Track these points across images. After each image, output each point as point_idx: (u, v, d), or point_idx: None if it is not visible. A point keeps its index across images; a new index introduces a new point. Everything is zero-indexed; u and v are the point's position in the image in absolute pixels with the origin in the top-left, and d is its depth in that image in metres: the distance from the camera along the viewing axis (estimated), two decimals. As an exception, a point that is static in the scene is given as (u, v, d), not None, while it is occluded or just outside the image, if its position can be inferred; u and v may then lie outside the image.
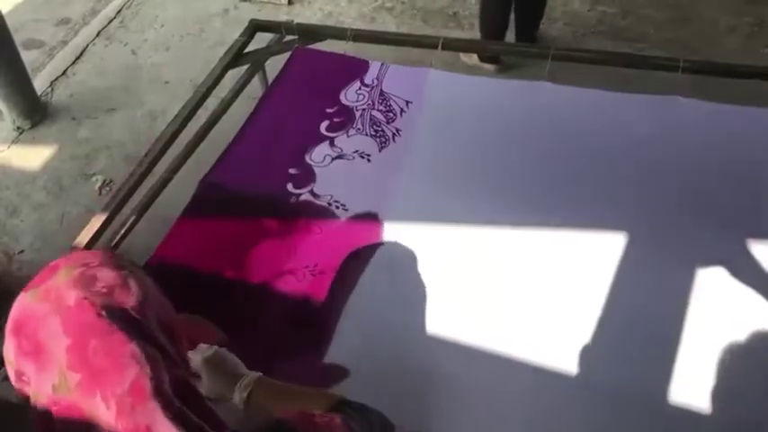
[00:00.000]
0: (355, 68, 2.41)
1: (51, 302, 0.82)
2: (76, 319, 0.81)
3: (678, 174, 2.04)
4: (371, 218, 1.99)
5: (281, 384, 1.27)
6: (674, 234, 1.90)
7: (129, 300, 0.86)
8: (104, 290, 0.84)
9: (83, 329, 0.81)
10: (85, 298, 0.82)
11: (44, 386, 0.81)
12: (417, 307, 1.82)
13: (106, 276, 0.85)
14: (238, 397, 1.20)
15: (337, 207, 2.02)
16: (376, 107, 2.28)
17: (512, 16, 3.57)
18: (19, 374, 0.85)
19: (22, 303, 0.85)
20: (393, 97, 2.31)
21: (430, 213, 2.00)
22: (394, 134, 2.21)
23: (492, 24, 3.54)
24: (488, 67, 3.60)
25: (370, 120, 2.25)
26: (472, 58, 3.62)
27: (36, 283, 0.86)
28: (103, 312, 0.82)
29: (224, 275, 1.87)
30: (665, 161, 2.07)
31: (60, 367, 0.80)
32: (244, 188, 2.08)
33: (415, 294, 1.84)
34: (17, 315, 0.85)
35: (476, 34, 3.79)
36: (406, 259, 1.90)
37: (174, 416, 0.82)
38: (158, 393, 0.82)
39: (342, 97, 2.32)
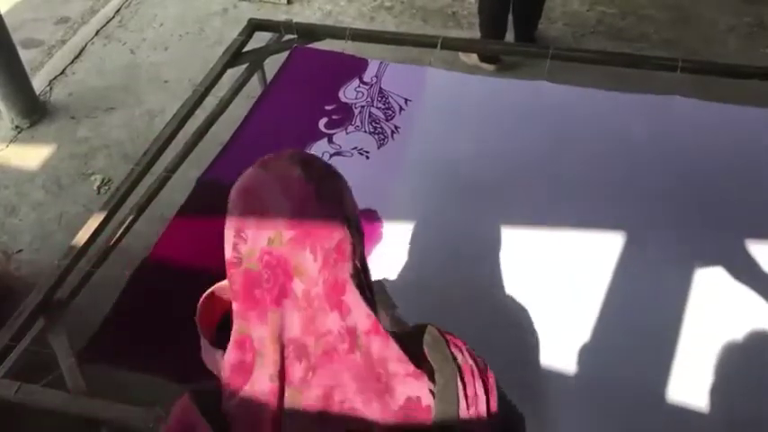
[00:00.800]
0: (354, 66, 2.41)
1: (278, 174, 1.00)
2: (298, 188, 0.98)
3: (677, 173, 2.04)
4: (370, 215, 1.99)
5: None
6: (673, 233, 1.90)
7: (340, 185, 1.04)
8: (320, 171, 1.03)
9: (304, 196, 0.98)
10: (308, 173, 1.00)
11: (261, 240, 0.96)
12: (414, 303, 1.82)
13: (320, 165, 1.05)
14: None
15: None
16: (375, 104, 2.28)
17: (510, 17, 3.58)
18: (239, 231, 0.99)
19: (251, 174, 1.02)
20: (392, 95, 2.30)
21: (428, 211, 1.99)
22: (393, 131, 2.21)
23: (491, 25, 3.54)
24: (488, 66, 3.60)
25: (369, 117, 2.25)
26: (472, 58, 3.62)
27: (262, 162, 1.04)
28: (322, 186, 1.00)
29: (221, 275, 1.86)
30: (664, 160, 2.07)
31: (278, 224, 0.96)
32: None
33: (413, 291, 1.84)
34: (246, 183, 1.02)
35: (475, 34, 3.79)
36: (404, 257, 1.90)
37: (359, 283, 0.99)
38: (354, 259, 0.99)
39: (341, 95, 2.32)
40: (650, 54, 3.42)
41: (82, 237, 1.92)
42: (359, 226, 1.05)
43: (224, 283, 1.46)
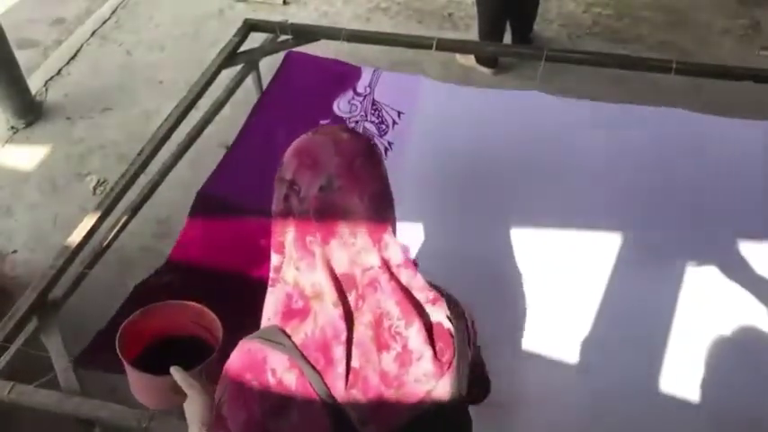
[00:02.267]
0: (348, 76, 2.40)
1: (328, 136, 1.12)
2: (348, 145, 1.11)
3: (668, 178, 2.05)
4: None
5: None
6: (665, 235, 1.92)
7: (378, 151, 1.16)
8: (365, 137, 1.18)
9: (353, 151, 1.10)
10: (355, 136, 1.14)
11: (313, 187, 1.08)
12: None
13: (364, 135, 1.29)
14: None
15: None
16: (368, 118, 2.28)
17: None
18: (291, 184, 1.11)
19: (306, 138, 1.15)
20: (385, 107, 2.30)
21: (424, 226, 2.00)
22: (386, 148, 2.22)
23: (490, 31, 3.55)
24: (485, 69, 3.59)
25: (363, 132, 2.25)
26: (469, 60, 3.61)
27: (314, 129, 1.17)
28: (367, 147, 1.13)
29: (223, 285, 1.87)
30: (655, 166, 2.08)
31: (329, 174, 1.08)
32: (239, 200, 2.08)
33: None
34: (302, 144, 1.14)
35: (471, 35, 3.79)
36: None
37: (394, 227, 1.14)
38: (391, 206, 1.14)
39: (335, 107, 2.32)
40: (645, 56, 3.43)
41: (76, 237, 1.91)
42: (392, 205, 1.17)
43: (134, 316, 1.49)
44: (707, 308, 1.79)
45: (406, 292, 1.11)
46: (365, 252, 1.09)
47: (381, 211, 1.11)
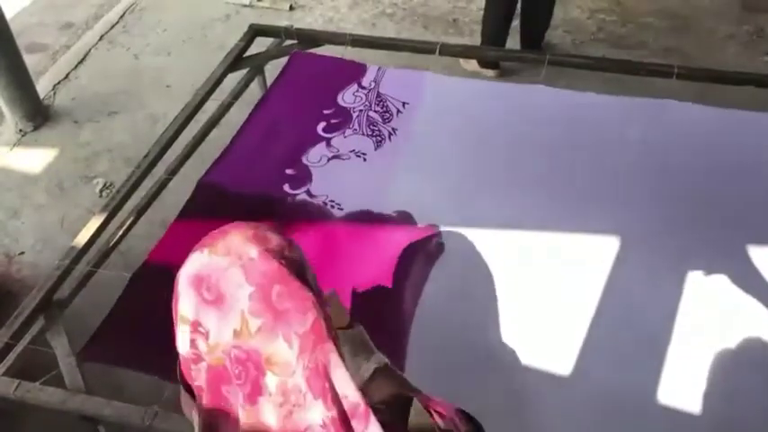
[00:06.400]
0: (353, 72, 2.43)
1: (232, 256, 0.89)
2: (259, 269, 0.88)
3: (672, 176, 2.05)
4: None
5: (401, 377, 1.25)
6: (667, 237, 1.92)
7: (297, 257, 0.93)
8: (278, 247, 0.92)
9: (266, 277, 0.88)
10: (266, 250, 0.90)
11: (225, 333, 0.87)
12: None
13: (275, 238, 0.93)
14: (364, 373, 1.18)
15: (332, 206, 2.04)
16: (373, 108, 2.30)
17: (514, 23, 3.60)
18: (195, 326, 0.90)
19: (201, 260, 0.92)
20: (390, 99, 2.33)
21: (424, 212, 2.01)
22: (390, 133, 2.23)
23: (493, 32, 3.56)
24: (488, 72, 3.61)
25: (367, 120, 2.27)
26: (472, 64, 3.63)
27: (208, 243, 0.94)
28: (284, 262, 0.90)
29: None
30: (659, 164, 2.08)
31: (243, 314, 0.86)
32: (241, 189, 2.10)
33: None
34: (197, 270, 0.91)
35: (475, 40, 3.81)
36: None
37: (341, 355, 0.90)
38: (330, 335, 0.90)
39: (339, 99, 2.35)
40: (649, 61, 3.44)
41: (82, 238, 1.94)
42: (320, 291, 0.95)
43: None
44: (712, 314, 1.78)
45: None
46: (299, 410, 0.88)
47: (320, 351, 0.88)
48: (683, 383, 1.67)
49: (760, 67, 3.54)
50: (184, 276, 0.93)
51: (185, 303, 0.91)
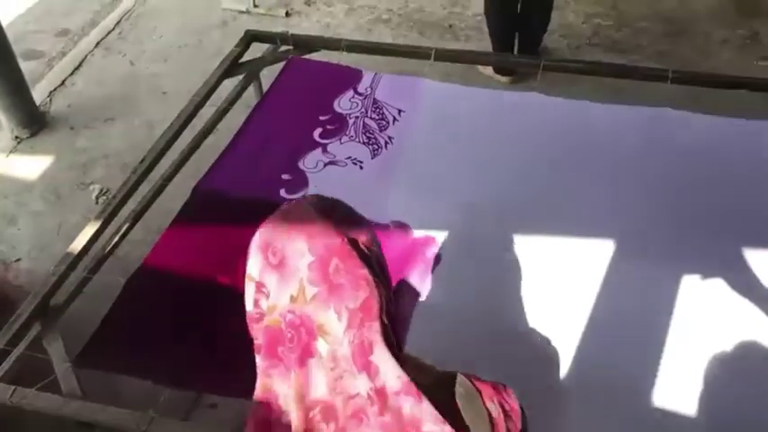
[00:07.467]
0: (349, 77, 2.44)
1: (299, 227, 0.95)
2: (322, 242, 0.93)
3: (668, 183, 2.06)
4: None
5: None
6: (661, 242, 1.92)
7: (362, 236, 0.98)
8: (343, 224, 0.97)
9: (327, 250, 0.92)
10: (331, 225, 0.95)
11: (283, 296, 0.92)
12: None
13: (346, 211, 1.00)
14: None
15: None
16: (369, 115, 2.30)
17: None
18: (259, 286, 0.96)
19: (270, 226, 0.99)
20: (386, 106, 2.33)
21: (421, 221, 2.01)
22: (386, 142, 2.23)
23: (500, 45, 3.60)
24: (501, 78, 3.64)
25: (363, 127, 2.27)
26: (487, 69, 3.67)
27: (283, 211, 1.01)
28: (346, 239, 0.94)
29: (216, 282, 1.88)
30: (655, 171, 2.09)
31: (301, 281, 0.91)
32: (237, 194, 2.10)
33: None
34: (266, 236, 0.98)
35: (471, 46, 3.83)
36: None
37: (388, 339, 0.92)
38: (381, 316, 0.93)
39: (335, 105, 2.35)
40: (644, 65, 3.46)
41: (78, 243, 1.93)
42: (387, 276, 0.99)
43: None
44: (708, 318, 1.79)
45: (404, 427, 0.92)
46: (348, 377, 0.92)
47: (367, 328, 0.92)
48: (679, 389, 1.68)
49: (754, 71, 3.55)
50: (256, 239, 0.99)
51: (253, 264, 0.98)
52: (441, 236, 1.97)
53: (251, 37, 2.60)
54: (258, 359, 0.99)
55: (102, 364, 1.75)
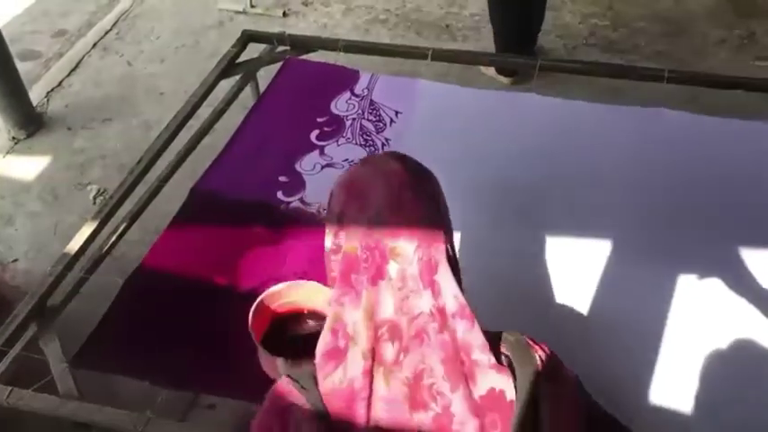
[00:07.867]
0: (346, 78, 2.43)
1: (378, 168, 1.08)
2: (398, 179, 1.06)
3: (664, 184, 2.06)
4: None
5: None
6: (658, 242, 1.92)
7: (433, 181, 1.15)
8: (416, 168, 1.13)
9: (402, 186, 1.05)
10: (406, 167, 1.09)
11: (360, 223, 1.04)
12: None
13: (416, 162, 1.15)
14: None
15: None
16: (366, 117, 2.30)
17: None
18: (340, 219, 1.08)
19: (353, 169, 1.13)
20: (383, 107, 2.33)
21: None
22: (383, 144, 2.23)
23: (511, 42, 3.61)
24: (503, 79, 3.64)
25: (360, 129, 2.27)
26: (489, 70, 3.68)
27: (363, 159, 1.17)
28: (417, 178, 1.09)
29: (213, 283, 1.89)
30: (651, 171, 2.09)
31: (378, 209, 1.03)
32: (235, 195, 2.10)
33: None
34: (349, 175, 1.12)
35: (468, 46, 3.84)
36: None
37: (452, 263, 1.05)
38: (446, 241, 1.07)
39: (332, 107, 2.35)
40: (641, 65, 3.46)
41: (75, 244, 1.93)
42: (449, 221, 1.13)
43: (273, 289, 1.49)
44: (705, 317, 1.79)
45: (458, 349, 1.01)
46: (414, 296, 1.01)
47: (435, 249, 1.03)
48: (676, 391, 1.68)
49: (751, 72, 3.56)
50: (339, 180, 1.13)
51: (336, 201, 1.10)
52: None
53: (248, 37, 2.60)
54: (332, 292, 1.07)
55: (99, 365, 1.75)
